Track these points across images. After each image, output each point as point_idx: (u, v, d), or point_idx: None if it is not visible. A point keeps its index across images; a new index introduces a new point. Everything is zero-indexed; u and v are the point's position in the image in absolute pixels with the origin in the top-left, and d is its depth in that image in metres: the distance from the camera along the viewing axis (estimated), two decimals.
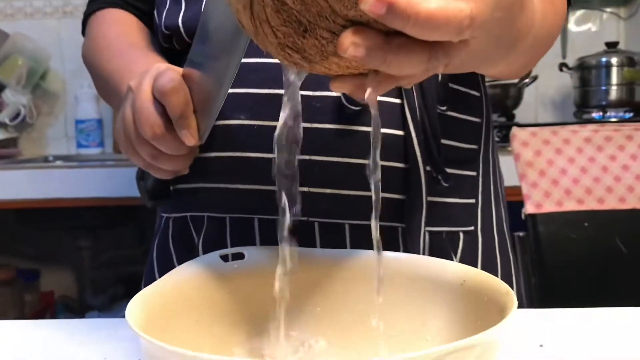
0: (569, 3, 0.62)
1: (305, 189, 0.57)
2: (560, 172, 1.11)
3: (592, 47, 1.81)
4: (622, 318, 0.61)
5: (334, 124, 0.57)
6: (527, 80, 1.69)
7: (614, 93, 1.71)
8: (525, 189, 1.11)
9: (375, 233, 0.44)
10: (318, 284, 0.51)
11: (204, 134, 0.52)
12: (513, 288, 0.67)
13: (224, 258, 0.51)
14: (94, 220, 1.83)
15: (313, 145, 0.57)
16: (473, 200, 0.65)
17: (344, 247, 0.58)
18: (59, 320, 0.65)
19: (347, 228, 0.59)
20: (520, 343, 0.54)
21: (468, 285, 0.46)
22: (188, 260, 0.51)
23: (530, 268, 1.13)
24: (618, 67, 1.70)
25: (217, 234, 0.61)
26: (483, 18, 0.32)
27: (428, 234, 0.61)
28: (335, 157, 0.57)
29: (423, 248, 0.60)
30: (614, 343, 0.55)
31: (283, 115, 0.40)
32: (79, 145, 1.93)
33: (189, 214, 0.64)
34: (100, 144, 1.94)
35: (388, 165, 0.57)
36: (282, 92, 0.44)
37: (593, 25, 1.95)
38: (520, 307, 0.55)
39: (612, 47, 1.74)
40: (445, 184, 0.59)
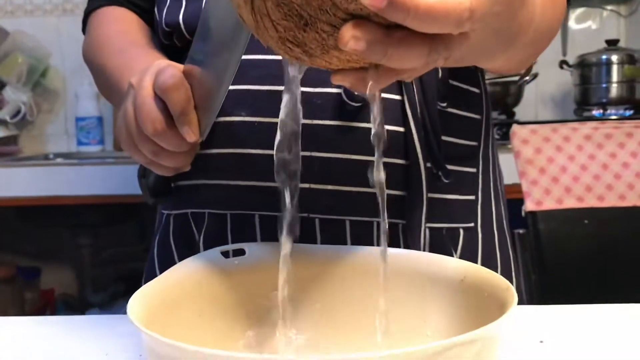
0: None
1: (306, 186, 0.57)
2: (561, 169, 1.11)
3: (592, 44, 1.81)
4: (622, 315, 0.61)
5: (335, 121, 0.57)
6: (527, 78, 1.69)
7: (614, 90, 1.71)
8: (526, 187, 1.11)
9: (384, 228, 0.44)
10: (318, 280, 0.52)
11: (205, 130, 0.52)
12: (513, 285, 0.67)
13: (225, 254, 0.51)
14: (95, 218, 1.83)
15: (314, 142, 0.57)
16: (473, 197, 0.65)
17: (345, 243, 0.58)
18: (60, 317, 0.65)
19: (347, 224, 0.59)
20: (521, 339, 0.54)
21: (468, 281, 0.46)
22: (189, 257, 0.51)
23: (531, 265, 1.13)
24: (618, 64, 1.70)
25: (218, 231, 0.61)
26: (483, 11, 0.32)
27: (428, 230, 0.61)
28: (336, 153, 0.57)
29: (423, 244, 0.60)
30: (614, 339, 0.55)
31: (283, 110, 0.41)
32: (79, 143, 1.93)
33: (190, 211, 0.64)
34: (101, 142, 1.94)
35: (388, 162, 0.57)
36: (283, 88, 0.44)
37: (593, 23, 1.95)
38: (520, 304, 0.55)
39: (612, 44, 1.74)
40: (446, 180, 0.59)
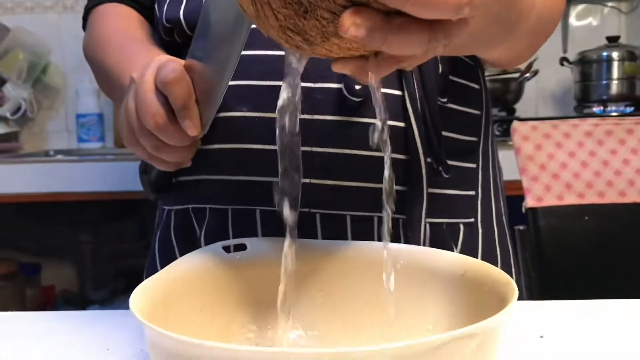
0: None
1: (307, 180, 0.57)
2: (561, 166, 1.11)
3: (593, 41, 1.81)
4: (622, 310, 0.61)
5: (336, 116, 0.57)
6: (527, 75, 1.68)
7: (615, 87, 1.70)
8: (526, 183, 1.11)
9: (387, 225, 0.44)
10: (319, 275, 0.52)
11: (206, 125, 0.52)
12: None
13: (227, 249, 0.51)
14: (95, 215, 1.83)
15: (314, 137, 0.57)
16: (473, 192, 0.65)
17: (346, 238, 0.59)
18: (61, 312, 0.65)
19: (348, 219, 0.59)
20: (521, 334, 0.54)
21: (469, 276, 0.46)
22: (190, 252, 0.51)
23: (531, 262, 1.13)
24: (619, 61, 1.69)
25: (219, 226, 0.61)
26: None
27: (429, 226, 0.61)
28: (337, 148, 0.57)
29: (424, 239, 0.60)
30: (614, 335, 0.55)
31: (281, 102, 0.41)
32: (80, 140, 1.93)
33: (191, 206, 0.64)
34: (101, 138, 1.94)
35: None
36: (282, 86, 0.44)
37: (594, 20, 1.94)
38: (520, 299, 0.55)
39: (613, 41, 1.73)
40: (446, 175, 0.59)
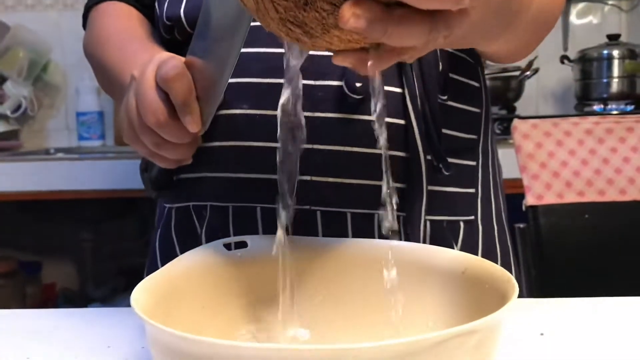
0: None
1: (308, 178, 0.57)
2: (561, 164, 1.11)
3: (593, 39, 1.81)
4: (622, 308, 0.61)
5: (336, 113, 0.57)
6: (528, 73, 1.68)
7: (615, 85, 1.70)
8: (526, 181, 1.11)
9: (392, 222, 0.44)
10: (320, 273, 0.52)
11: (207, 121, 0.52)
12: None
13: (227, 246, 0.51)
14: (96, 213, 1.83)
15: (315, 134, 0.57)
16: (473, 190, 0.65)
17: (346, 235, 0.59)
18: (62, 310, 0.65)
19: (349, 216, 0.59)
20: (521, 331, 0.55)
21: (469, 273, 0.46)
22: (191, 250, 0.51)
23: (531, 260, 1.13)
24: (619, 59, 1.69)
25: (220, 223, 0.61)
26: None
27: (429, 223, 0.61)
28: (338, 145, 0.57)
29: (424, 237, 0.60)
30: (614, 332, 0.55)
31: (283, 97, 0.41)
32: (80, 138, 1.93)
33: (192, 204, 0.64)
34: (102, 137, 1.94)
35: (389, 154, 0.57)
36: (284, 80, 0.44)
37: (594, 18, 1.94)
38: (520, 297, 0.55)
39: (613, 39, 1.73)
40: (446, 173, 0.59)
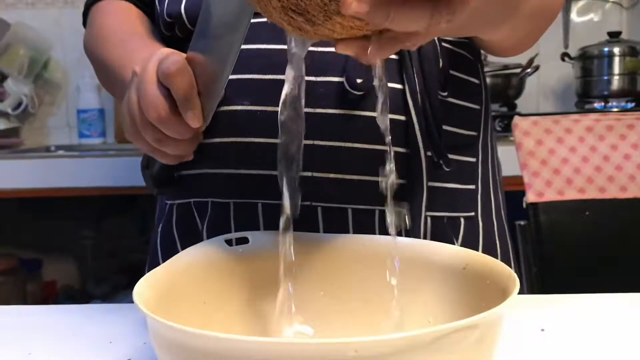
0: None
1: (309, 174, 0.57)
2: (562, 161, 1.11)
3: (594, 37, 1.81)
4: (622, 304, 0.61)
5: (337, 109, 0.57)
6: (529, 70, 1.68)
7: (616, 83, 1.70)
8: (527, 178, 1.11)
9: (391, 218, 0.44)
10: (321, 268, 0.52)
11: (208, 117, 0.52)
12: None
13: (229, 242, 0.51)
14: (96, 210, 1.83)
15: (316, 130, 0.57)
16: (473, 186, 0.66)
17: (347, 231, 0.59)
18: (64, 306, 0.65)
19: (349, 212, 0.59)
20: (522, 327, 0.55)
21: (470, 269, 0.47)
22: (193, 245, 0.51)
23: (532, 257, 1.13)
24: (620, 57, 1.69)
25: (221, 219, 0.61)
26: None
27: (430, 219, 0.61)
28: (339, 141, 0.57)
29: (424, 233, 0.60)
30: (614, 328, 0.55)
31: (286, 89, 0.41)
32: (81, 135, 1.93)
33: (193, 200, 0.64)
34: (102, 134, 1.94)
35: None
36: (285, 77, 0.44)
37: (595, 15, 1.94)
38: (520, 294, 0.55)
39: (614, 37, 1.73)
40: (447, 169, 0.60)
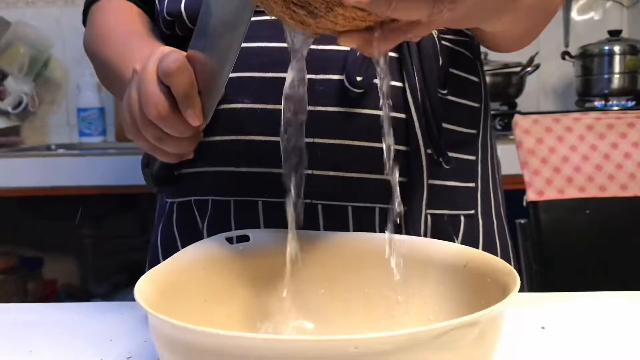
0: None
1: (309, 172, 0.57)
2: (562, 159, 1.11)
3: (594, 35, 1.80)
4: (622, 302, 0.61)
5: (337, 107, 0.58)
6: (529, 69, 1.68)
7: (617, 81, 1.70)
8: (527, 177, 1.11)
9: (392, 216, 0.44)
10: (322, 266, 0.52)
11: (208, 114, 0.52)
12: None
13: (230, 240, 0.51)
14: (97, 209, 1.83)
15: (317, 128, 0.57)
16: (473, 185, 0.66)
17: (347, 229, 0.59)
18: (65, 304, 0.65)
19: (350, 210, 0.59)
20: (522, 325, 0.55)
21: (471, 267, 0.47)
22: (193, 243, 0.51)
23: (532, 255, 1.13)
24: (621, 55, 1.69)
25: (221, 218, 0.61)
26: None
27: (430, 217, 0.61)
28: (339, 139, 0.58)
29: (425, 231, 0.60)
30: (615, 326, 0.55)
31: (288, 80, 0.41)
32: (81, 134, 1.93)
33: (193, 198, 0.64)
34: (103, 133, 1.95)
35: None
36: (285, 75, 0.44)
37: (596, 14, 1.94)
38: (520, 292, 0.55)
39: (614, 35, 1.73)
40: (447, 166, 0.60)
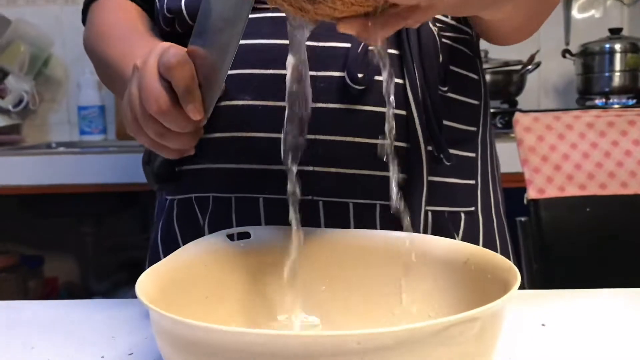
0: None
1: (310, 168, 0.57)
2: (563, 157, 1.11)
3: (595, 33, 1.80)
4: (622, 299, 0.61)
5: (338, 104, 0.58)
6: (529, 67, 1.68)
7: (617, 79, 1.70)
8: (528, 174, 1.11)
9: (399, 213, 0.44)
10: (323, 263, 0.52)
11: (209, 109, 0.52)
12: None
13: (230, 237, 0.51)
14: (97, 207, 1.83)
15: (318, 125, 0.57)
16: (473, 181, 0.66)
17: (348, 225, 0.59)
18: (67, 301, 0.65)
19: (351, 207, 0.59)
20: (522, 322, 0.55)
21: (471, 263, 0.47)
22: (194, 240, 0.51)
23: (532, 253, 1.13)
24: (621, 53, 1.69)
25: (222, 214, 0.61)
26: None
27: (430, 214, 0.61)
28: (340, 136, 0.58)
29: (425, 227, 0.60)
30: (615, 323, 0.55)
31: (289, 71, 0.41)
32: (82, 132, 1.94)
33: (194, 195, 0.64)
34: (103, 131, 1.95)
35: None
36: (286, 72, 0.44)
37: (596, 12, 1.94)
38: (520, 289, 0.55)
39: (615, 33, 1.73)
40: (447, 163, 0.60)
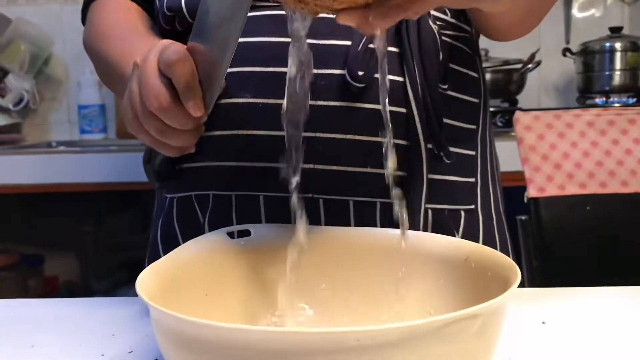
0: None
1: (310, 166, 0.57)
2: (563, 156, 1.11)
3: (595, 32, 1.80)
4: (623, 297, 0.61)
5: (339, 102, 0.58)
6: (530, 66, 1.68)
7: (618, 78, 1.70)
8: (528, 173, 1.11)
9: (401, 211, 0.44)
10: (324, 260, 0.52)
11: (209, 106, 0.52)
12: None
13: (231, 235, 0.51)
14: (98, 206, 1.83)
15: (318, 122, 0.57)
16: (472, 180, 0.66)
17: (349, 223, 0.59)
18: (67, 299, 0.65)
19: (351, 204, 0.59)
20: (523, 320, 0.55)
21: (471, 261, 0.47)
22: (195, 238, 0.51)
23: (533, 252, 1.13)
24: (622, 52, 1.68)
25: (223, 212, 0.61)
26: None
27: (430, 212, 0.61)
28: (340, 134, 0.58)
29: (425, 225, 0.60)
30: (615, 321, 0.55)
31: (290, 67, 0.41)
32: (82, 131, 1.93)
33: (194, 193, 0.64)
34: (103, 130, 1.95)
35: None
36: (286, 70, 0.44)
37: (597, 11, 1.94)
38: (520, 288, 0.56)
39: (615, 32, 1.73)
40: (447, 161, 0.60)
